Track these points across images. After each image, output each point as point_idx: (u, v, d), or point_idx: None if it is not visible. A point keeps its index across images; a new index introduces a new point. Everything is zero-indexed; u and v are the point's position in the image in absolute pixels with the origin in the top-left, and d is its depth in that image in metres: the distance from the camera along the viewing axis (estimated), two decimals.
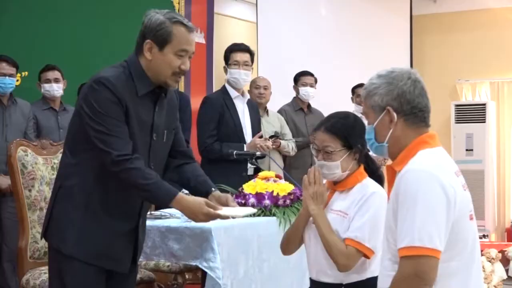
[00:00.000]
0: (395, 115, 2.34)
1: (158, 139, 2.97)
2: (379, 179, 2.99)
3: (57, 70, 5.69)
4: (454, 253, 2.21)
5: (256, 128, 5.16)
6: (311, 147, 3.05)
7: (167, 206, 2.91)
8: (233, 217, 2.92)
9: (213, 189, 3.08)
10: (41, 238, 2.98)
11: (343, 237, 2.83)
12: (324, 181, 3.05)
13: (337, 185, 2.95)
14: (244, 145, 4.93)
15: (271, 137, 5.82)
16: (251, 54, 5.09)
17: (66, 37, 6.25)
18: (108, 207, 2.86)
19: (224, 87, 5.07)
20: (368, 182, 2.95)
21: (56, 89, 5.67)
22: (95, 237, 2.84)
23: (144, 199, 2.96)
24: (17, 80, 5.61)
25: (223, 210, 2.86)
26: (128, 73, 2.87)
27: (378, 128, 2.39)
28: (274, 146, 5.70)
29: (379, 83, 2.40)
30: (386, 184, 2.50)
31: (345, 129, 2.89)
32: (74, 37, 6.31)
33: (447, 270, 2.20)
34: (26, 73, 5.61)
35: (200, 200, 2.88)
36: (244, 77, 5.01)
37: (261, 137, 5.12)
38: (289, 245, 3.05)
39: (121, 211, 2.91)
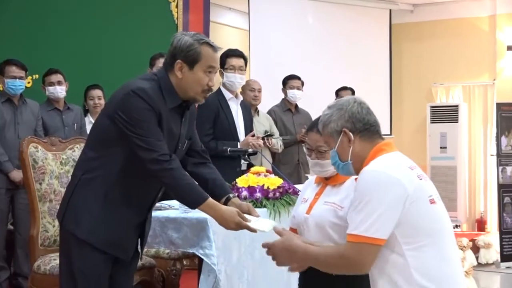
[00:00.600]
0: (351, 134, 2.45)
1: (182, 149, 3.02)
2: None
3: (60, 73, 5.69)
4: (419, 235, 2.27)
5: (248, 127, 5.16)
6: (304, 146, 3.04)
7: (195, 207, 2.91)
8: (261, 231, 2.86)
9: (231, 195, 3.10)
10: (59, 223, 2.98)
11: (329, 223, 2.80)
12: (314, 176, 3.04)
13: (329, 179, 2.93)
14: (238, 143, 4.94)
15: (265, 136, 5.86)
16: (245, 59, 5.10)
17: (73, 42, 6.26)
18: (126, 201, 2.88)
19: (219, 90, 5.07)
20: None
21: (60, 91, 5.67)
22: (109, 226, 2.86)
23: (176, 198, 3.01)
24: (29, 83, 5.61)
25: (252, 223, 2.88)
26: (158, 87, 2.88)
27: (340, 150, 2.49)
28: (268, 144, 5.77)
29: (330, 112, 2.50)
30: None
31: None
32: (80, 42, 6.32)
33: (417, 249, 2.26)
34: (37, 75, 5.61)
35: (233, 209, 2.92)
36: (239, 80, 5.02)
37: (253, 136, 5.13)
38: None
39: (136, 205, 2.94)
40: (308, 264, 2.50)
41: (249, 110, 5.30)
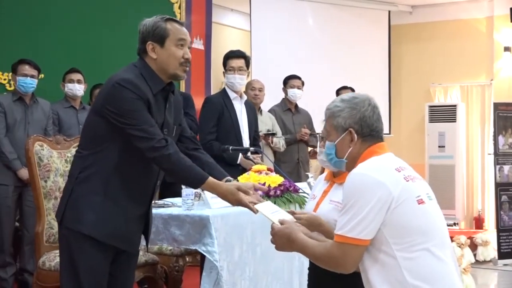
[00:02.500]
0: (356, 136, 2.43)
1: (169, 134, 2.98)
2: None
3: (80, 73, 5.78)
4: (408, 236, 2.26)
5: (252, 126, 5.15)
6: (318, 137, 3.00)
7: (197, 187, 2.99)
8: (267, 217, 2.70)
9: (230, 178, 3.12)
10: (58, 223, 2.95)
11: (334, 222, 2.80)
12: (326, 172, 3.01)
13: (336, 177, 2.92)
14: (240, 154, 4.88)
15: (266, 134, 5.85)
16: (246, 59, 5.07)
17: (76, 44, 6.28)
18: (125, 193, 2.87)
19: (224, 89, 5.08)
20: None
21: (78, 89, 5.75)
22: (112, 219, 2.85)
23: (178, 181, 3.03)
24: None
25: (260, 206, 2.79)
26: (140, 74, 2.89)
27: (339, 145, 2.47)
28: (270, 143, 5.79)
29: (342, 106, 2.47)
30: None
31: None
32: (84, 44, 6.35)
33: (407, 249, 2.25)
34: (42, 75, 5.62)
35: (232, 187, 2.93)
36: (239, 81, 5.00)
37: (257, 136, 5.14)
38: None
39: (136, 196, 2.92)
40: (304, 255, 2.51)
41: (253, 109, 5.29)
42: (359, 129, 2.43)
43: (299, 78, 6.69)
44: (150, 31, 2.92)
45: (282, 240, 2.49)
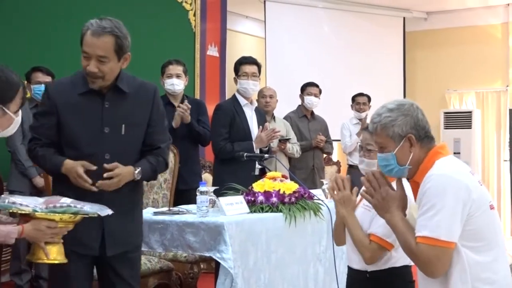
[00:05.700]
0: (415, 141, 2.43)
1: (112, 132, 2.92)
2: None
3: None
4: (479, 239, 2.30)
5: None
6: (333, 144, 3.01)
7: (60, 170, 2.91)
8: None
9: None
10: None
11: (366, 228, 2.83)
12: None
13: None
14: (252, 142, 4.89)
15: (280, 140, 5.82)
16: (259, 66, 5.08)
17: None
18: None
19: (234, 96, 5.07)
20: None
21: None
22: None
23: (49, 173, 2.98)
24: None
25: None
26: (81, 76, 2.98)
27: (399, 154, 2.45)
28: (283, 147, 5.77)
29: (394, 116, 2.45)
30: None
31: None
32: None
33: (476, 253, 2.29)
34: None
35: (76, 163, 2.87)
36: (252, 86, 5.00)
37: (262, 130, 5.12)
38: (336, 239, 3.08)
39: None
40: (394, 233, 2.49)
41: (263, 116, 5.28)
42: (416, 133, 2.43)
43: (316, 86, 6.67)
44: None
45: (381, 202, 2.48)
